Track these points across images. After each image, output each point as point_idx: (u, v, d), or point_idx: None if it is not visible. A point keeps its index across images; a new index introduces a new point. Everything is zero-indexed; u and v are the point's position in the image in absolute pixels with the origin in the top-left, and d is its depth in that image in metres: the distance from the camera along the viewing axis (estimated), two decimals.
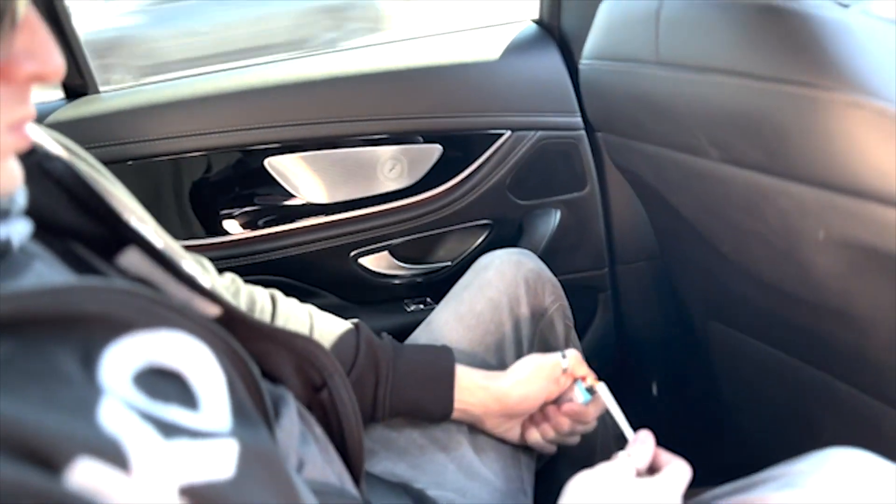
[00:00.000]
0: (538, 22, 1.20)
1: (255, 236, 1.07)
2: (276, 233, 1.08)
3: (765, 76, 0.64)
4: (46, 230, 0.48)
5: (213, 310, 0.52)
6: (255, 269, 1.07)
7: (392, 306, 1.19)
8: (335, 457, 0.61)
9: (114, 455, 0.35)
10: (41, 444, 0.32)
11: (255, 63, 1.11)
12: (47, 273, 0.43)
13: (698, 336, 1.13)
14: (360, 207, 1.10)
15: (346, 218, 1.09)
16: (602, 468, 0.69)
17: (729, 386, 1.11)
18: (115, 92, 1.06)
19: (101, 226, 0.50)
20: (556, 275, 0.94)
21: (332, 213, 1.09)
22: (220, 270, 0.72)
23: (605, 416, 0.84)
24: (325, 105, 1.04)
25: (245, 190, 1.07)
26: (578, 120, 1.13)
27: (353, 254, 1.13)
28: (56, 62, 0.39)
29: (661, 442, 0.72)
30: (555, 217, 1.17)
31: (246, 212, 1.08)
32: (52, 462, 0.32)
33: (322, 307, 0.81)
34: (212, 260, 0.71)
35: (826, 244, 0.69)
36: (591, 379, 0.82)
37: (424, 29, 1.20)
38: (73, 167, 0.50)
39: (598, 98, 0.87)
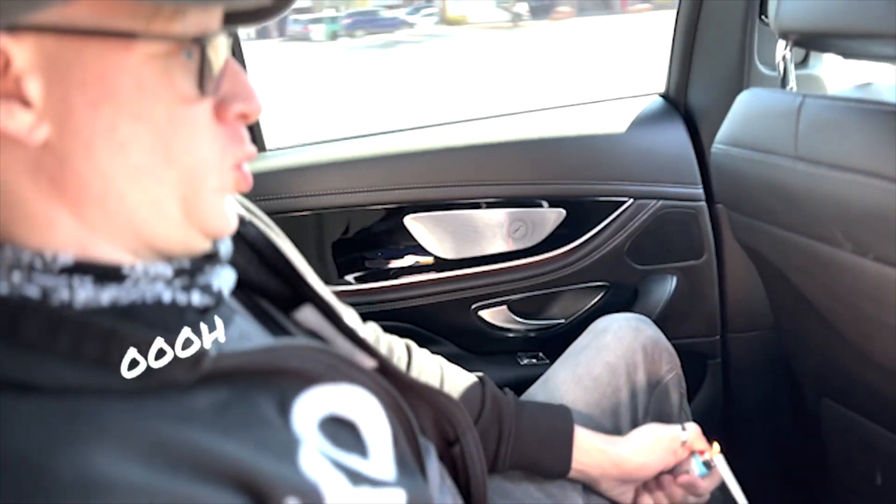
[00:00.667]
0: (664, 96, 1.24)
1: (387, 286, 1.15)
2: (407, 284, 1.16)
3: None
4: (239, 287, 0.54)
5: (370, 363, 0.57)
6: (384, 315, 1.14)
7: (506, 358, 1.23)
8: None
9: (315, 498, 0.40)
10: (259, 484, 0.37)
11: (401, 129, 1.21)
12: (245, 327, 0.49)
13: (809, 412, 1.12)
14: (484, 264, 1.16)
15: (471, 273, 1.16)
16: None
17: (839, 466, 1.09)
18: (279, 151, 1.18)
19: (283, 284, 0.57)
20: (668, 339, 0.96)
21: (459, 269, 1.16)
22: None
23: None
24: (461, 170, 1.12)
25: (383, 244, 1.15)
26: (700, 191, 1.16)
27: (473, 306, 1.19)
28: (257, 102, 0.44)
29: None
30: (671, 283, 1.20)
31: (382, 265, 1.16)
32: (267, 500, 0.38)
33: (441, 354, 0.86)
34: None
35: None
36: (708, 453, 0.83)
37: (558, 100, 1.26)
38: (263, 233, 0.57)
39: (728, 180, 0.90)
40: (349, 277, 1.16)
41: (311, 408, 0.45)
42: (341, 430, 0.46)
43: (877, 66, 1.04)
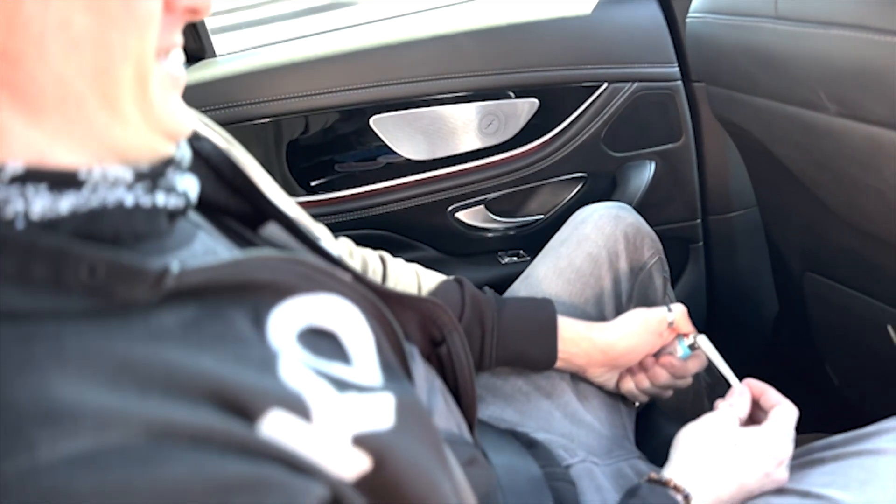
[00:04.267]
0: None
1: (358, 193, 1.11)
2: (379, 189, 1.11)
3: (890, 30, 0.63)
4: (199, 205, 0.50)
5: (345, 278, 0.53)
6: (358, 223, 1.11)
7: (487, 258, 1.21)
8: (453, 406, 0.64)
9: (298, 407, 0.37)
10: (239, 397, 0.35)
11: (358, 24, 1.13)
12: (211, 242, 0.46)
13: (794, 287, 1.12)
14: (458, 163, 1.12)
15: (445, 174, 1.12)
16: (707, 420, 0.72)
17: (825, 338, 1.11)
18: (231, 56, 1.10)
19: (244, 201, 0.53)
20: (649, 225, 0.94)
21: (432, 170, 1.12)
22: (327, 226, 0.75)
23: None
24: (427, 63, 1.06)
25: (349, 148, 1.10)
26: (675, 70, 1.12)
27: (450, 208, 1.16)
28: None
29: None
30: (649, 169, 1.17)
31: (350, 169, 1.11)
32: (248, 413, 0.35)
33: (421, 259, 0.84)
34: (318, 216, 0.74)
35: None
36: (693, 336, 0.83)
37: None
38: (220, 148, 0.53)
39: (706, 51, 0.86)
40: (316, 187, 1.12)
41: (287, 320, 0.43)
42: (321, 341, 0.44)
43: None
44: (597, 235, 0.91)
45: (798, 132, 0.80)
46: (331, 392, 0.40)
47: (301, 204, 1.07)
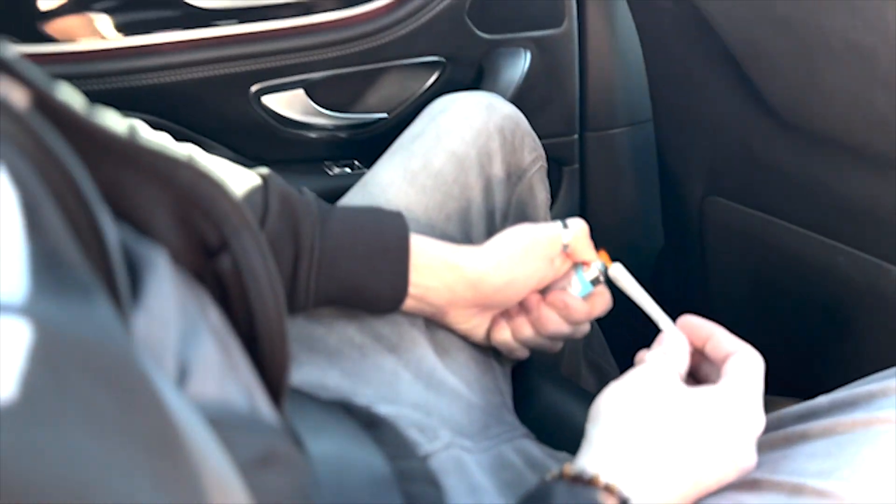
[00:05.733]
0: None
1: (111, 49, 0.77)
2: (143, 47, 0.78)
3: None
4: None
5: (18, 95, 0.29)
6: (112, 97, 0.76)
7: (308, 168, 0.93)
8: (242, 361, 0.35)
9: None
10: None
11: None
12: None
13: (691, 217, 0.96)
14: (264, 19, 0.81)
15: (245, 33, 0.80)
16: (636, 378, 0.49)
17: (733, 276, 0.95)
18: None
19: None
20: None
21: (224, 23, 0.80)
22: None
23: None
24: None
25: None
26: None
27: (254, 89, 0.84)
28: None
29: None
30: (524, 59, 0.94)
31: (94, 11, 0.76)
32: None
33: None
34: None
35: None
36: (596, 265, 0.61)
37: None
38: None
39: None
40: (37, 33, 0.75)
41: None
42: None
43: None
44: (463, 129, 0.70)
45: None
46: None
47: (28, 56, 0.72)
